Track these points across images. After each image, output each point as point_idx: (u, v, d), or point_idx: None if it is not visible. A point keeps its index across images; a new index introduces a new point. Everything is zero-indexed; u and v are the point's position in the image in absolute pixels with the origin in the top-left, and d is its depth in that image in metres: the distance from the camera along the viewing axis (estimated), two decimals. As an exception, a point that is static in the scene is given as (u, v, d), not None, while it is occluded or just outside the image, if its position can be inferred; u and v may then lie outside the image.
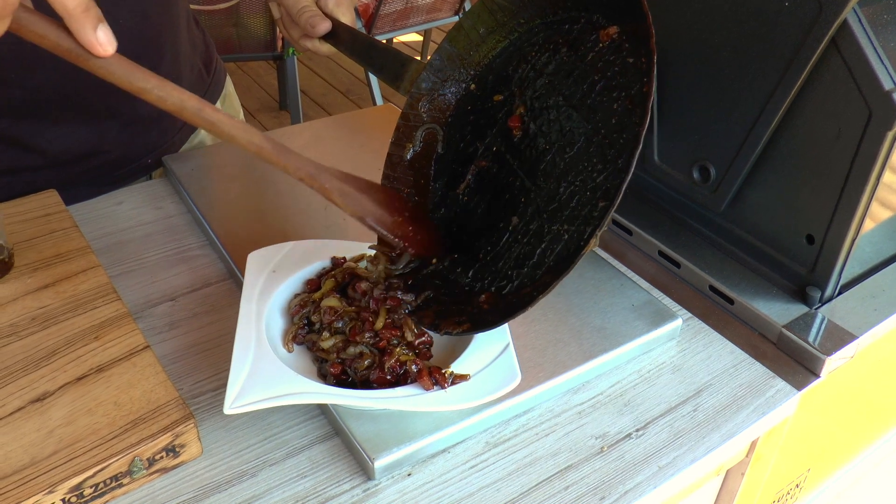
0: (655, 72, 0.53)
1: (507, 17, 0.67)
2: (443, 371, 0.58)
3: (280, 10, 0.86)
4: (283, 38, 2.71)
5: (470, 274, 0.62)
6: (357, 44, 0.79)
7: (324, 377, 0.61)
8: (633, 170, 0.53)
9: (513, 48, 0.67)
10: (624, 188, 0.53)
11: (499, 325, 0.58)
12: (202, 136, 1.03)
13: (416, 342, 0.60)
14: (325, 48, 0.84)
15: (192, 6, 1.02)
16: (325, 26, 0.80)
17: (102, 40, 0.47)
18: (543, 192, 0.60)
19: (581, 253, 0.54)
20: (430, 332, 0.61)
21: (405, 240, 0.63)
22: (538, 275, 0.57)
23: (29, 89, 0.82)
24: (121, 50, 0.49)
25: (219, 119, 0.53)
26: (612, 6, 0.59)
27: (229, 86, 1.09)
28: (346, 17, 0.82)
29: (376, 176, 0.91)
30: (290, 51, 2.72)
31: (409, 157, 0.69)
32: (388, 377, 0.58)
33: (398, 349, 0.59)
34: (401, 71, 0.71)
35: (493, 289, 0.60)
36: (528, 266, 0.58)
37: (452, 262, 0.64)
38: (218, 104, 1.05)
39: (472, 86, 0.68)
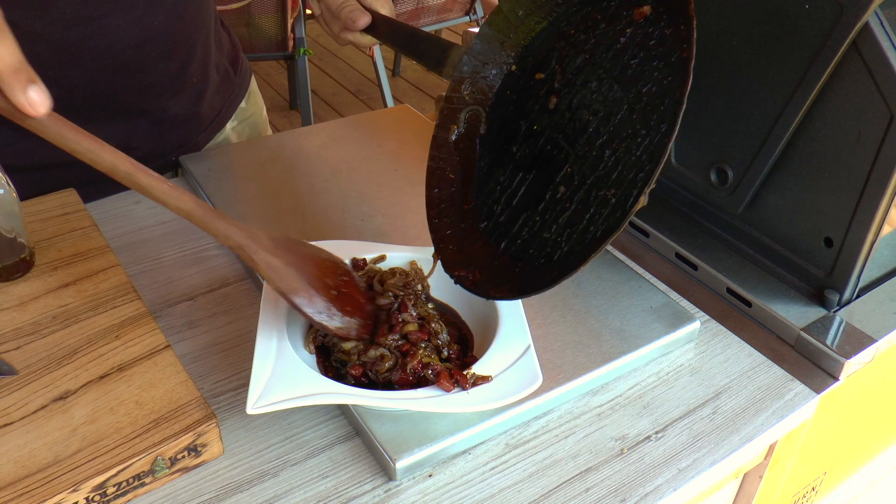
0: (695, 37, 0.54)
1: None
2: (464, 372, 0.58)
3: (320, 6, 0.88)
4: (294, 38, 2.72)
5: (517, 243, 0.63)
6: (397, 34, 0.81)
7: (340, 378, 0.61)
8: (678, 128, 0.53)
9: (552, 28, 0.68)
10: (670, 146, 0.54)
11: (551, 287, 0.58)
12: (227, 134, 1.04)
13: (449, 354, 0.62)
14: (366, 40, 0.86)
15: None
16: (366, 20, 0.82)
17: (34, 100, 0.48)
18: (589, 161, 0.61)
19: (633, 209, 0.55)
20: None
21: (347, 313, 0.61)
22: (588, 239, 0.58)
23: (65, 87, 0.83)
24: (155, 51, 0.49)
25: (150, 184, 0.53)
26: None
27: (253, 84, 1.11)
28: (385, 9, 0.84)
29: (393, 175, 0.92)
30: (301, 50, 2.72)
31: (453, 138, 0.70)
32: (410, 378, 0.59)
33: (421, 351, 0.59)
34: (442, 56, 0.72)
35: (542, 259, 0.61)
36: (578, 231, 0.59)
37: (499, 235, 0.65)
38: (243, 102, 1.07)
39: (513, 67, 0.70)
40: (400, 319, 0.62)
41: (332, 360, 0.62)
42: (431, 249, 0.68)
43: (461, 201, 0.68)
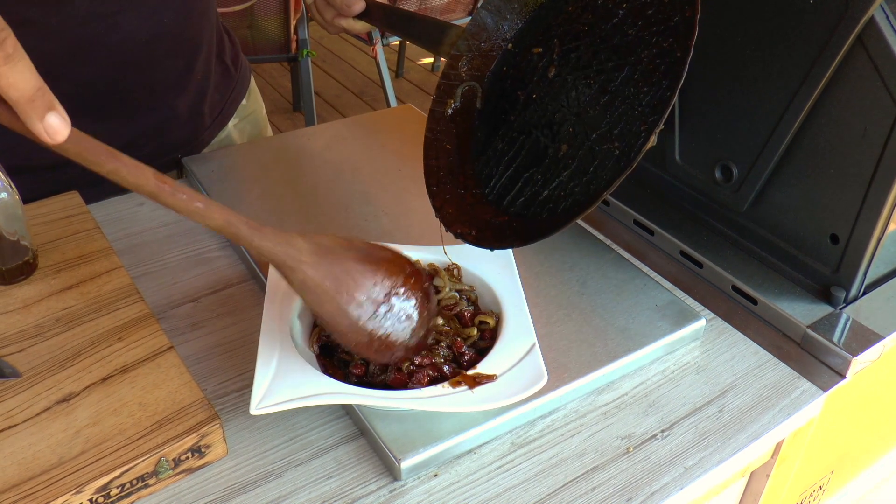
0: None
1: None
2: (469, 371, 0.58)
3: None
4: (297, 40, 2.71)
5: (518, 203, 0.64)
6: (393, 18, 0.82)
7: (344, 378, 0.60)
8: (684, 78, 0.54)
9: (549, 7, 0.69)
10: (678, 89, 0.54)
11: (561, 228, 0.57)
12: (229, 131, 1.05)
13: (465, 359, 0.61)
14: (360, 26, 0.87)
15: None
16: (360, 5, 0.83)
17: (52, 128, 0.46)
18: (591, 119, 0.62)
19: (643, 149, 0.55)
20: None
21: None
22: (592, 189, 0.59)
23: (76, 84, 0.84)
24: (163, 48, 0.47)
25: (176, 205, 0.50)
26: None
27: (253, 82, 1.12)
28: None
29: (397, 175, 0.92)
30: (305, 52, 2.72)
31: (449, 112, 0.72)
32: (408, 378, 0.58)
33: (439, 356, 0.59)
34: (440, 36, 0.74)
35: (545, 214, 0.61)
36: (582, 183, 0.60)
37: (499, 197, 0.66)
38: (244, 100, 1.08)
39: (510, 45, 0.71)
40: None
41: (335, 360, 0.62)
42: (438, 248, 0.68)
43: (459, 170, 0.69)
